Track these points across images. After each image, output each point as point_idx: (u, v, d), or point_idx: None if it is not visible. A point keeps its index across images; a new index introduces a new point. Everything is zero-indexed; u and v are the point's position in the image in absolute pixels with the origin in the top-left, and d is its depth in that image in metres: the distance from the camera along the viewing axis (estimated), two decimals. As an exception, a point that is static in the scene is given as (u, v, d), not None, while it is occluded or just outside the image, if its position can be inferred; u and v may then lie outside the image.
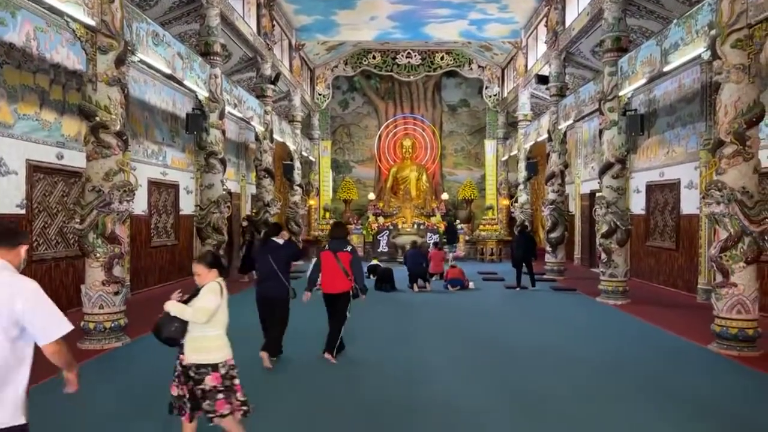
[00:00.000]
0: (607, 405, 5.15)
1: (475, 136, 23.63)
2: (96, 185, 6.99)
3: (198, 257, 4.08)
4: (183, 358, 3.81)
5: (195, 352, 3.78)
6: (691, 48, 8.11)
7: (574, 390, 5.54)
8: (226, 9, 11.78)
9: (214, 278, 3.92)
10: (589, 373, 6.14)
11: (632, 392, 5.49)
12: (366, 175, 23.88)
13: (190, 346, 3.79)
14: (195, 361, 3.77)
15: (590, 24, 12.20)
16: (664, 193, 12.59)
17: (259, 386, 5.35)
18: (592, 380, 5.90)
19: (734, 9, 6.66)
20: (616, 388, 5.65)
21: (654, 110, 13.05)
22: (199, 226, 10.97)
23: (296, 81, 18.83)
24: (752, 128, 6.70)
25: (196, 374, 3.76)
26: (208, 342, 3.81)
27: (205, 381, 3.74)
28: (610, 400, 5.29)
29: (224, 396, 3.77)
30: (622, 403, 5.21)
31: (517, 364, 6.54)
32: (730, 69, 6.72)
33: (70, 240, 8.95)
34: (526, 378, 5.96)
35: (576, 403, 5.20)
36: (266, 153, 15.12)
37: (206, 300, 3.81)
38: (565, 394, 5.43)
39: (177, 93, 13.37)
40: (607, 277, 10.64)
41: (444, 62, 22.20)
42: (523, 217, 17.79)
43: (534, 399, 5.29)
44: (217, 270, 3.96)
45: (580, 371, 6.21)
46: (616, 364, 6.48)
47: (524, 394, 5.45)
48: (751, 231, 6.63)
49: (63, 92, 9.00)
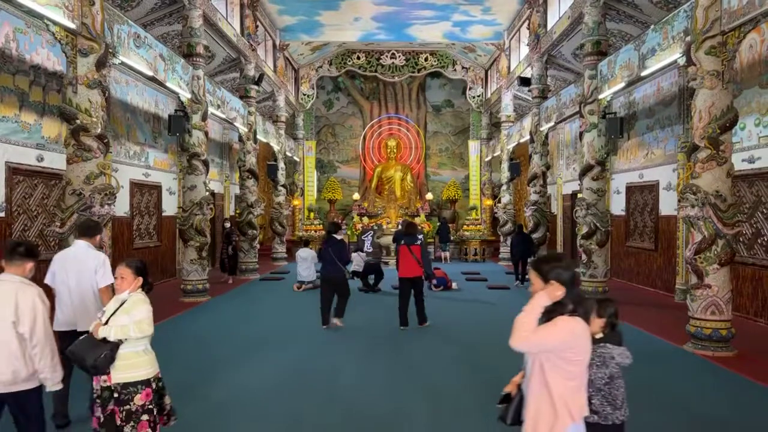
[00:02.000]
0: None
1: (459, 136, 23.77)
2: (77, 188, 6.96)
3: (127, 261, 3.70)
4: (107, 378, 3.47)
5: (124, 370, 3.47)
6: (667, 53, 8.25)
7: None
8: (208, 10, 11.75)
9: (137, 288, 3.61)
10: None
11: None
12: (351, 175, 23.91)
13: (119, 365, 3.46)
14: (123, 380, 3.45)
15: (571, 27, 12.35)
16: (643, 194, 12.79)
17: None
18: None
19: (708, 16, 6.80)
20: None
21: (634, 113, 13.25)
22: (181, 227, 10.93)
23: (280, 81, 18.80)
24: (726, 133, 6.85)
25: (123, 394, 3.45)
26: (138, 357, 3.52)
27: (134, 400, 3.46)
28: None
29: (149, 417, 3.50)
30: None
31: (490, 363, 6.63)
32: (704, 75, 6.87)
33: (50, 243, 8.89)
34: (499, 378, 6.03)
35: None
36: (250, 154, 15.09)
37: (141, 311, 3.52)
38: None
39: (159, 94, 13.31)
40: (587, 278, 10.78)
41: (428, 63, 22.30)
42: (506, 217, 17.97)
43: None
44: (142, 280, 3.64)
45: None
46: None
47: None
48: (725, 234, 6.79)
49: (43, 94, 8.92)
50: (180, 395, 5.48)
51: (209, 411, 5.09)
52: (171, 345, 7.52)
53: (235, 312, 10.04)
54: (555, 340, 2.49)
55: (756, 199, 8.75)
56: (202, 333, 8.30)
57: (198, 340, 7.88)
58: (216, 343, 7.65)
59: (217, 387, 5.75)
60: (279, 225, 18.44)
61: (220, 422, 4.85)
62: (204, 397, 5.43)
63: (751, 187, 8.83)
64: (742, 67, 8.98)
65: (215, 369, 6.40)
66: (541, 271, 2.63)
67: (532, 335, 2.48)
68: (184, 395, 5.53)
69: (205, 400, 5.37)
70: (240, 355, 7.02)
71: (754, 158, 8.71)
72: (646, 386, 5.79)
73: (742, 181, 8.83)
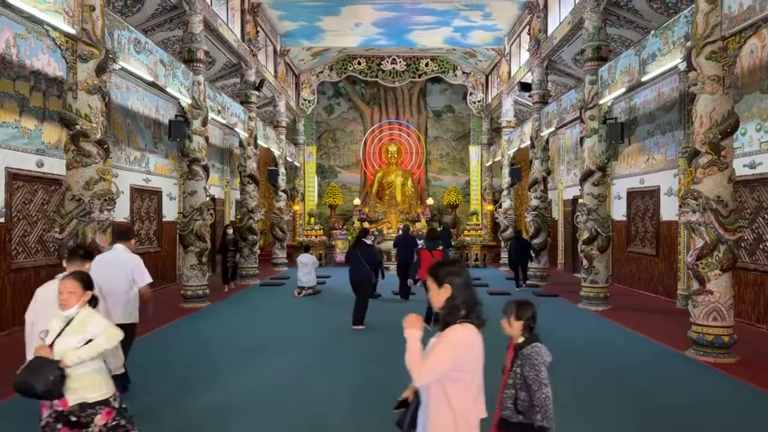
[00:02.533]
0: (583, 411, 5.22)
1: (459, 141, 23.77)
2: (76, 194, 6.95)
3: (73, 273, 3.48)
4: (57, 404, 3.30)
5: (83, 390, 3.30)
6: (668, 59, 8.24)
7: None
8: (209, 16, 11.77)
9: (84, 303, 3.42)
10: (565, 381, 6.21)
11: (609, 399, 5.57)
12: (351, 180, 23.90)
13: (76, 386, 3.28)
14: (81, 400, 3.29)
15: (572, 33, 12.35)
16: (644, 199, 12.76)
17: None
18: (568, 388, 5.97)
19: (709, 22, 6.79)
20: (593, 394, 5.73)
21: (634, 118, 13.23)
22: (181, 233, 10.91)
23: (281, 87, 18.82)
24: (727, 138, 6.83)
25: (82, 416, 3.29)
26: (96, 376, 3.37)
27: (95, 421, 3.30)
28: (586, 406, 5.36)
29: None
30: (598, 409, 5.28)
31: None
32: (705, 80, 6.85)
33: (50, 248, 8.87)
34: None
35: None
36: (250, 159, 15.09)
37: (98, 323, 3.38)
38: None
39: (160, 99, 13.32)
40: (589, 284, 10.75)
41: (429, 68, 22.31)
42: (507, 222, 17.93)
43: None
44: (90, 294, 3.46)
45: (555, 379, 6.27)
46: (594, 371, 6.56)
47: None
48: (726, 239, 6.75)
49: (43, 99, 8.93)
50: (179, 400, 5.47)
51: (208, 416, 5.05)
52: (170, 350, 7.50)
53: (234, 317, 10.01)
54: (448, 360, 2.52)
55: (757, 205, 8.72)
56: (201, 338, 8.27)
57: (198, 345, 7.84)
58: (216, 349, 7.62)
59: (216, 392, 5.71)
60: (279, 230, 18.43)
61: (218, 427, 4.81)
62: (203, 402, 5.40)
63: (752, 192, 8.81)
64: (743, 73, 8.97)
65: (215, 374, 6.36)
66: (436, 276, 2.67)
67: (424, 368, 2.50)
68: (183, 400, 5.51)
69: (204, 404, 5.34)
70: (240, 360, 6.99)
71: (756, 164, 8.69)
72: (647, 392, 5.76)
73: (744, 187, 8.81)
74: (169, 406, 5.29)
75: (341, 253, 20.17)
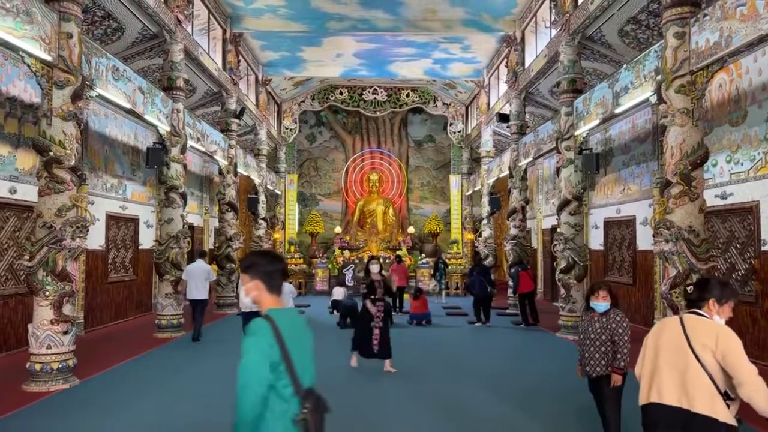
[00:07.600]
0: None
1: (440, 170, 23.98)
2: (47, 221, 6.83)
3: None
4: None
5: None
6: (639, 92, 8.44)
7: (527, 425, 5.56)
8: (190, 45, 11.83)
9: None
10: (542, 414, 6.17)
11: (588, 430, 5.53)
12: (333, 208, 23.91)
13: None
14: None
15: (548, 66, 12.62)
16: (621, 229, 12.91)
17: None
18: (545, 422, 5.93)
19: (677, 56, 7.00)
20: (572, 428, 5.68)
21: (610, 149, 13.47)
22: (157, 261, 10.76)
23: (262, 115, 18.89)
24: (697, 169, 6.97)
25: None
26: None
27: None
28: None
29: None
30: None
31: (475, 399, 6.53)
32: (675, 113, 7.02)
33: (20, 276, 8.68)
34: (485, 412, 5.95)
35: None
36: (230, 187, 15.02)
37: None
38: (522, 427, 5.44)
39: (139, 126, 13.27)
40: (567, 312, 10.78)
41: (410, 99, 22.61)
42: (487, 251, 17.94)
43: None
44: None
45: (533, 410, 6.23)
46: (572, 403, 6.52)
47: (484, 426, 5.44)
48: (699, 268, 6.83)
49: (18, 126, 8.85)
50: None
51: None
52: (143, 381, 7.32)
53: (210, 346, 9.82)
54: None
55: (729, 235, 8.86)
56: (175, 368, 8.08)
57: (171, 375, 7.66)
58: (189, 379, 7.44)
59: (188, 426, 5.56)
60: (259, 258, 18.23)
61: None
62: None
63: (724, 222, 8.96)
64: (713, 106, 9.21)
65: (189, 407, 6.20)
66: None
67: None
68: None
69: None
70: (214, 390, 6.83)
71: (727, 194, 8.86)
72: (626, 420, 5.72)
73: (716, 217, 8.95)
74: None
75: (321, 281, 20.02)
